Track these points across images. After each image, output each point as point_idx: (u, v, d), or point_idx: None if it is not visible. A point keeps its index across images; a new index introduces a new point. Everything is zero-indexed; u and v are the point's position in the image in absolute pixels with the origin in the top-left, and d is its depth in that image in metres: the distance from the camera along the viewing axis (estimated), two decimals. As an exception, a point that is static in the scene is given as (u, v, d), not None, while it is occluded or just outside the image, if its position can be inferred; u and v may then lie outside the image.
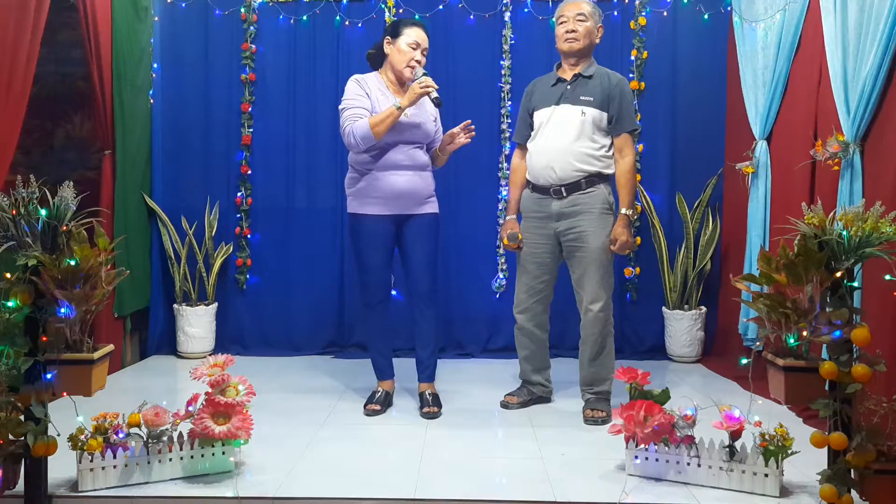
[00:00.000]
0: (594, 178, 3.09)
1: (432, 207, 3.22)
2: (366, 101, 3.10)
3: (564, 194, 3.09)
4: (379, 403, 3.18)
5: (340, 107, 3.15)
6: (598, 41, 3.20)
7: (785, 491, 2.30)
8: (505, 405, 3.24)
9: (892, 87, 2.75)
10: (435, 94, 2.99)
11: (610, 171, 3.13)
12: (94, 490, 2.28)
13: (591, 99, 3.09)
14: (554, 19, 3.24)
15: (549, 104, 3.15)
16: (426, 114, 3.20)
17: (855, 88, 2.87)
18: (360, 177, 3.15)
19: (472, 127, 3.16)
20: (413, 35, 3.13)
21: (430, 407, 3.14)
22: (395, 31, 3.16)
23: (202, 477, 2.40)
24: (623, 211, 3.08)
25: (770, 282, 2.22)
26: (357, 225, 3.18)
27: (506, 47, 4.31)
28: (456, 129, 3.16)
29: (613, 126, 3.11)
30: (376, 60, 3.27)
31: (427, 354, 3.25)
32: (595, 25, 3.16)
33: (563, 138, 3.08)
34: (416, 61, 3.11)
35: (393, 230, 3.17)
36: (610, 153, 3.13)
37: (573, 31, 3.11)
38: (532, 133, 3.22)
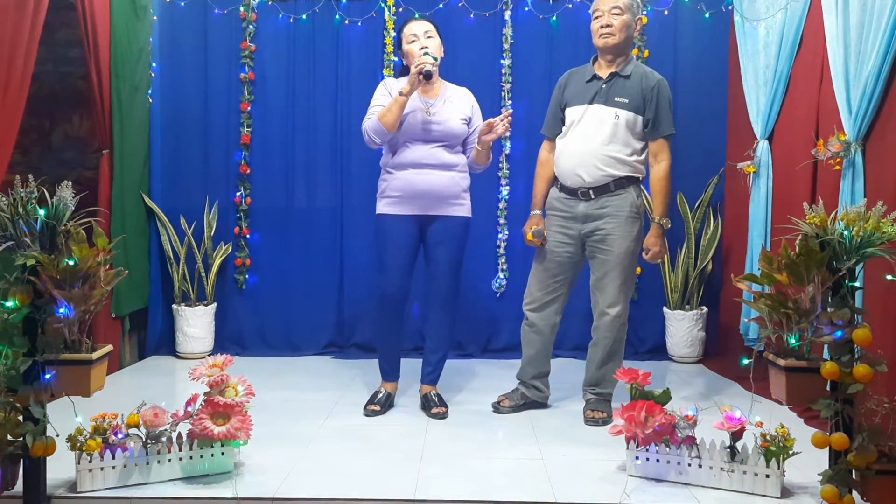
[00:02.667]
0: (623, 181, 3.00)
1: (460, 210, 3.15)
2: (387, 100, 3.09)
3: (592, 196, 3.01)
4: (379, 404, 3.16)
5: None
6: (637, 34, 3.08)
7: (786, 492, 2.30)
8: (497, 409, 3.17)
9: (893, 86, 2.74)
10: (427, 68, 2.97)
11: (640, 175, 3.05)
12: (93, 491, 2.27)
13: (627, 101, 2.98)
14: (590, 12, 3.11)
15: (582, 102, 3.05)
16: (451, 112, 3.13)
17: (857, 88, 2.86)
18: (385, 177, 3.17)
19: (510, 112, 3.08)
20: (407, 32, 3.15)
21: (439, 407, 3.13)
22: (398, 42, 3.21)
23: (201, 478, 2.39)
24: (657, 220, 3.00)
25: (771, 282, 2.22)
26: (379, 224, 3.16)
27: (506, 46, 4.30)
28: (496, 119, 3.04)
29: (650, 130, 3.01)
30: (406, 72, 3.24)
31: (437, 358, 3.23)
32: (633, 18, 3.01)
33: (593, 141, 2.99)
34: (423, 48, 3.08)
35: (415, 232, 3.13)
36: (643, 157, 3.04)
37: (608, 25, 2.98)
38: (563, 129, 3.12)
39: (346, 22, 4.32)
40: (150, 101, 4.28)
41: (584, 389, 3.16)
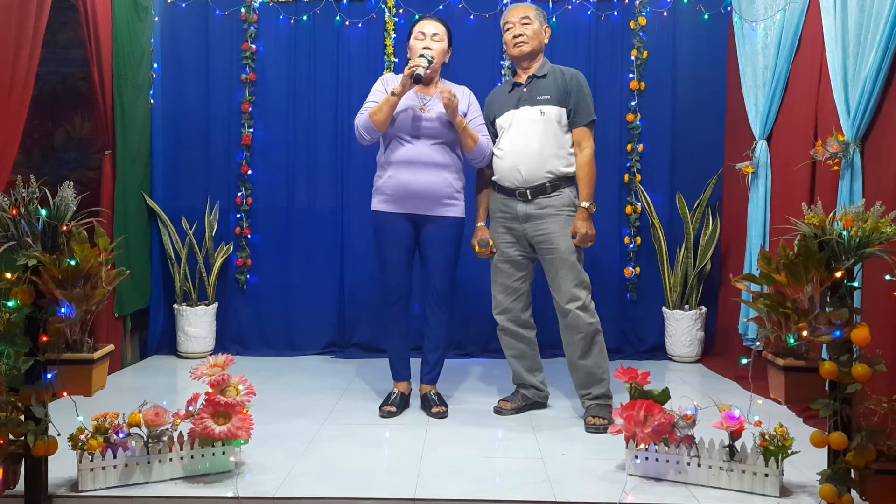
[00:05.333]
0: (559, 182, 3.08)
1: (454, 210, 3.16)
2: (382, 97, 3.10)
3: (529, 197, 3.09)
4: (395, 405, 3.15)
5: None
6: (546, 41, 3.21)
7: (785, 491, 2.30)
8: (499, 411, 3.18)
9: (892, 87, 2.75)
10: (418, 72, 2.98)
11: (573, 171, 3.12)
12: (95, 490, 2.28)
13: (549, 97, 3.10)
14: (501, 26, 3.24)
15: (509, 108, 3.17)
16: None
17: (855, 88, 2.87)
18: (379, 173, 3.18)
19: (443, 91, 3.01)
20: (417, 28, 3.18)
21: (439, 406, 3.14)
22: (408, 35, 3.23)
23: (202, 477, 2.40)
24: (582, 204, 3.06)
25: (770, 282, 2.22)
26: (375, 221, 3.19)
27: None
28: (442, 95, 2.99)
29: (572, 120, 3.11)
30: None
31: (436, 358, 3.23)
32: (541, 26, 3.17)
33: (529, 141, 3.07)
34: (425, 48, 3.10)
35: (410, 229, 3.15)
36: (572, 151, 3.13)
37: (520, 34, 3.13)
38: (496, 140, 3.21)
39: (347, 23, 4.33)
40: (152, 101, 4.30)
41: (579, 395, 3.12)
